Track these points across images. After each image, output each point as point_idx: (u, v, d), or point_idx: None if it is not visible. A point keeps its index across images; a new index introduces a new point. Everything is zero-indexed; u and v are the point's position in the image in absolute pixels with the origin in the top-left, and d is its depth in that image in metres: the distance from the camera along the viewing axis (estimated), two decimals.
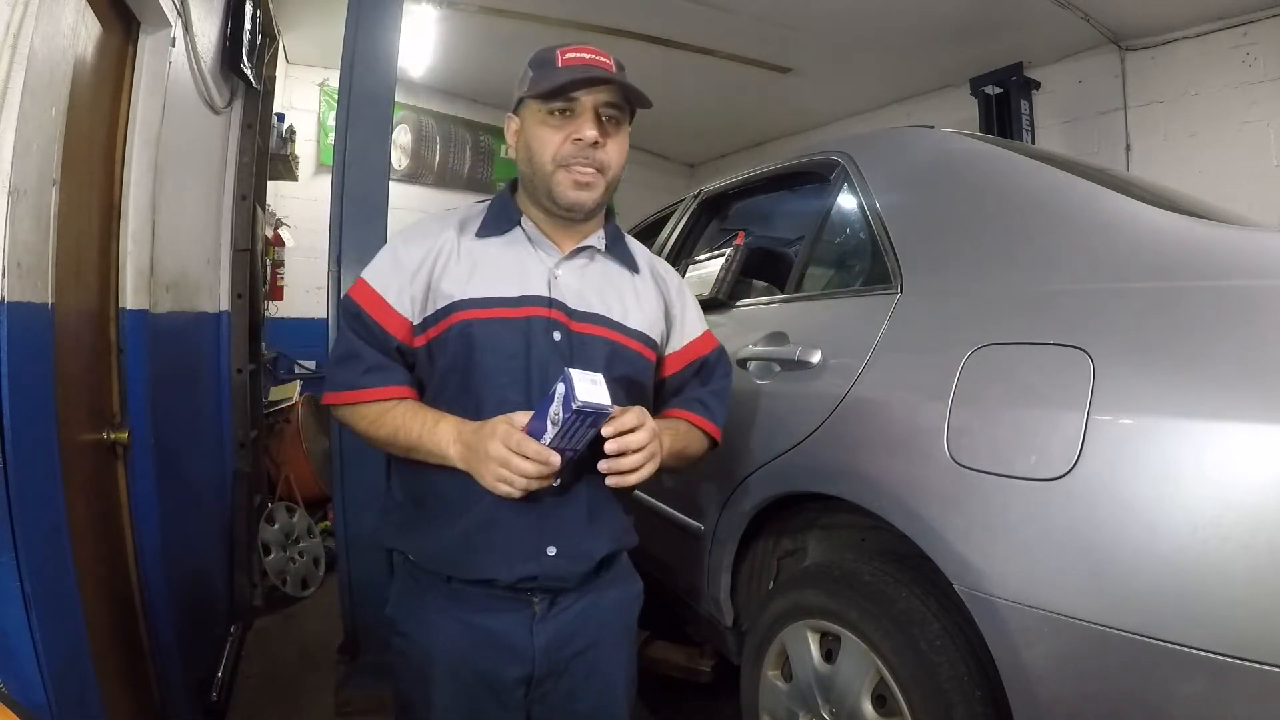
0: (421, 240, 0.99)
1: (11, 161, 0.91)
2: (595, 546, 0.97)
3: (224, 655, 2.03)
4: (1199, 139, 3.35)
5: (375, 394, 0.95)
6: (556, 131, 0.94)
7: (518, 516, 0.92)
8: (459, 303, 0.94)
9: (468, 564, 0.93)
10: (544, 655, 0.95)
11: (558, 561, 0.93)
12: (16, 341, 0.92)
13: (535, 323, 0.94)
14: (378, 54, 1.93)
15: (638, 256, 1.09)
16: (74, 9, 1.11)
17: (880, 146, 1.58)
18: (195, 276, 2.00)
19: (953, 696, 0.99)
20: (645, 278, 1.07)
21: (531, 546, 0.93)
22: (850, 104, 4.70)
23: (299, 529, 2.93)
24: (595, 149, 0.94)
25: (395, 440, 0.94)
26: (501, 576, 0.92)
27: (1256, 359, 0.78)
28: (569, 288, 0.98)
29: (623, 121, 0.97)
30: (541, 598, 0.95)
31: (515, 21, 3.69)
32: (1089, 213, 1.10)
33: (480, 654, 0.94)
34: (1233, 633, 0.73)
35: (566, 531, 0.94)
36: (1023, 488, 0.89)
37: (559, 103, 0.93)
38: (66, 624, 1.04)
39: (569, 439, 0.82)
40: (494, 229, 1.00)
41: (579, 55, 0.93)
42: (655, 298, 1.07)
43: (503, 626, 0.94)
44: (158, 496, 1.51)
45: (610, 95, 0.94)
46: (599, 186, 0.96)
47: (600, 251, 1.03)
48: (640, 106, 0.97)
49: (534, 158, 0.96)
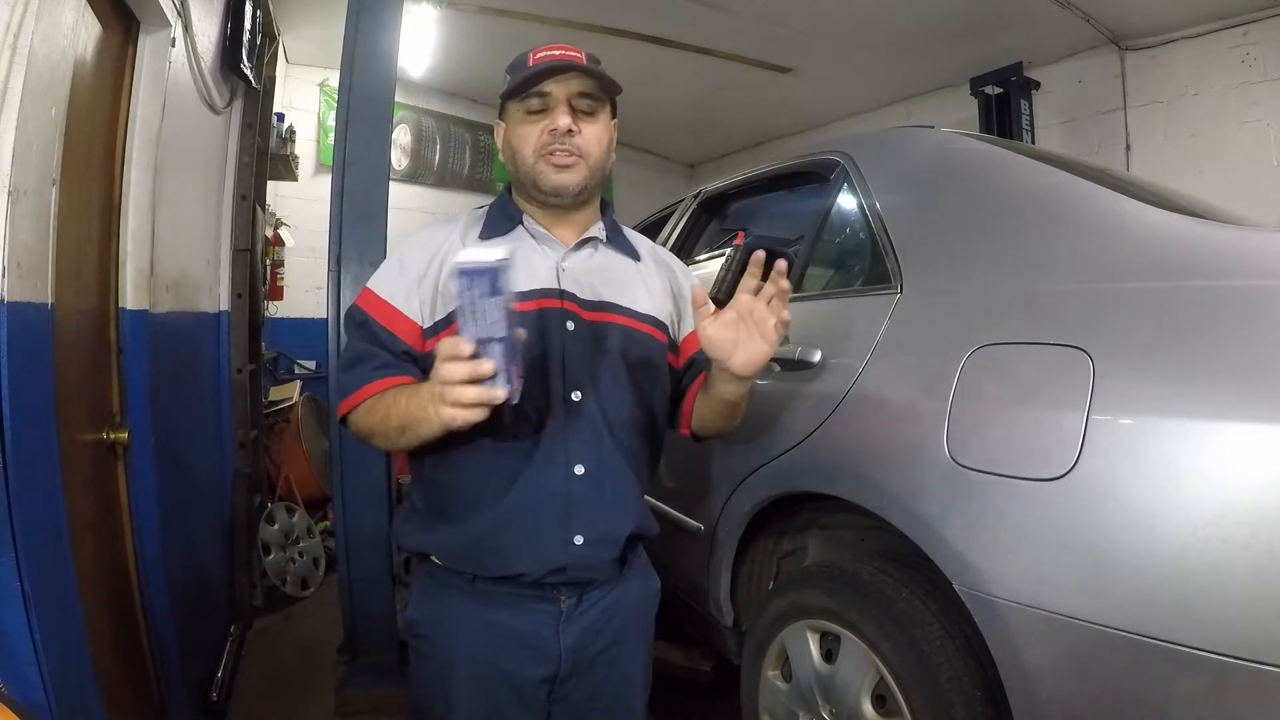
0: (425, 246, 1.00)
1: (11, 161, 0.91)
2: (620, 528, 0.97)
3: (224, 655, 2.03)
4: (1199, 139, 3.34)
5: (382, 384, 0.93)
6: (534, 126, 0.97)
7: (542, 507, 0.92)
8: None
9: (494, 560, 0.93)
10: (570, 654, 0.95)
11: (585, 550, 0.93)
12: (16, 341, 0.92)
13: (548, 314, 0.95)
14: (378, 54, 1.93)
15: (638, 246, 1.10)
16: (74, 9, 1.11)
17: (880, 146, 1.58)
18: (195, 276, 2.00)
19: (953, 696, 0.99)
20: (649, 265, 1.09)
21: (559, 537, 0.93)
22: (850, 104, 4.70)
23: (299, 529, 2.93)
24: (570, 136, 0.96)
25: (389, 422, 0.89)
26: (530, 571, 0.92)
27: (1256, 359, 0.78)
28: (577, 279, 0.99)
29: (598, 110, 0.99)
30: (568, 594, 0.95)
31: (515, 21, 3.68)
32: (1089, 213, 1.10)
33: (504, 655, 0.94)
34: (1233, 633, 0.73)
35: (592, 517, 0.94)
36: (1023, 488, 0.89)
37: (534, 99, 0.97)
38: (66, 624, 1.04)
39: (481, 322, 0.73)
40: (497, 229, 1.02)
41: (549, 53, 0.97)
42: (661, 283, 1.08)
43: (529, 626, 0.94)
44: (158, 496, 1.51)
45: (581, 85, 0.97)
46: (580, 168, 0.98)
47: (603, 242, 1.05)
48: (611, 92, 1.00)
49: (516, 154, 1.00)
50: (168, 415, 1.61)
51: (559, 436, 0.93)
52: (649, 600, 1.07)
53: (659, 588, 1.09)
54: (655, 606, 1.08)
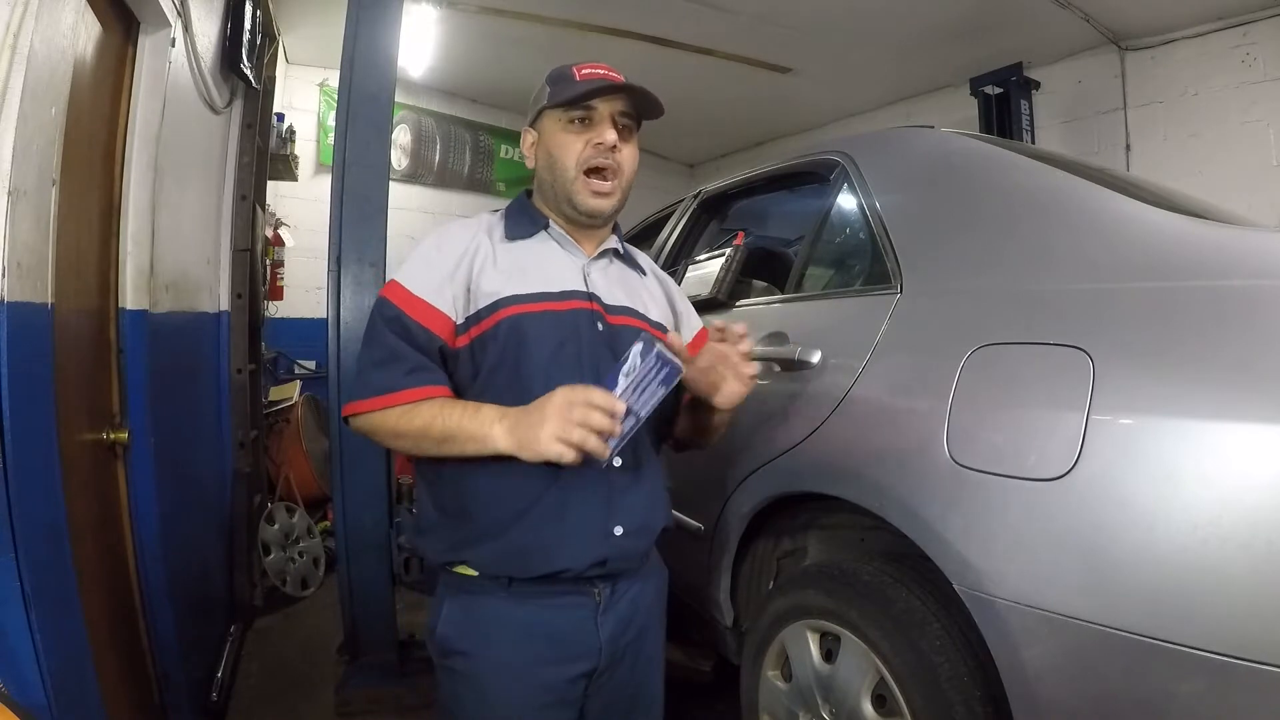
0: (453, 243, 1.02)
1: (11, 161, 0.91)
2: (656, 520, 1.02)
3: (224, 655, 2.03)
4: (1199, 139, 3.35)
5: (418, 394, 0.93)
6: (577, 138, 1.01)
7: (586, 498, 0.94)
8: (507, 298, 0.97)
9: (537, 559, 0.93)
10: (608, 646, 0.98)
11: (624, 541, 0.96)
12: (16, 341, 0.92)
13: (580, 314, 1.00)
14: (378, 54, 1.93)
15: (640, 260, 1.18)
16: (74, 9, 1.11)
17: (880, 146, 1.58)
18: (195, 276, 2.00)
19: (953, 696, 0.99)
20: (650, 279, 1.17)
21: (600, 528, 0.95)
22: (850, 104, 4.70)
23: (299, 529, 2.93)
24: (614, 152, 1.01)
25: (428, 433, 0.91)
26: (573, 565, 0.93)
27: (1256, 359, 0.78)
28: (599, 284, 1.05)
29: (634, 130, 1.05)
30: (603, 586, 0.98)
31: (515, 21, 3.69)
32: (1089, 213, 1.10)
33: (543, 660, 0.94)
34: (1233, 633, 0.73)
35: (632, 508, 0.98)
36: (1023, 488, 0.89)
37: (579, 111, 1.00)
38: (66, 624, 1.04)
39: (639, 394, 0.84)
40: (522, 232, 1.05)
41: (594, 71, 1.01)
42: (662, 295, 1.17)
43: (568, 623, 0.96)
44: (158, 496, 1.52)
45: (624, 105, 1.02)
46: (616, 195, 1.04)
47: (617, 255, 1.12)
48: (651, 115, 1.05)
49: (556, 164, 1.03)
50: (168, 415, 1.61)
51: None
52: (663, 590, 1.12)
53: (668, 576, 1.14)
54: (666, 591, 1.13)
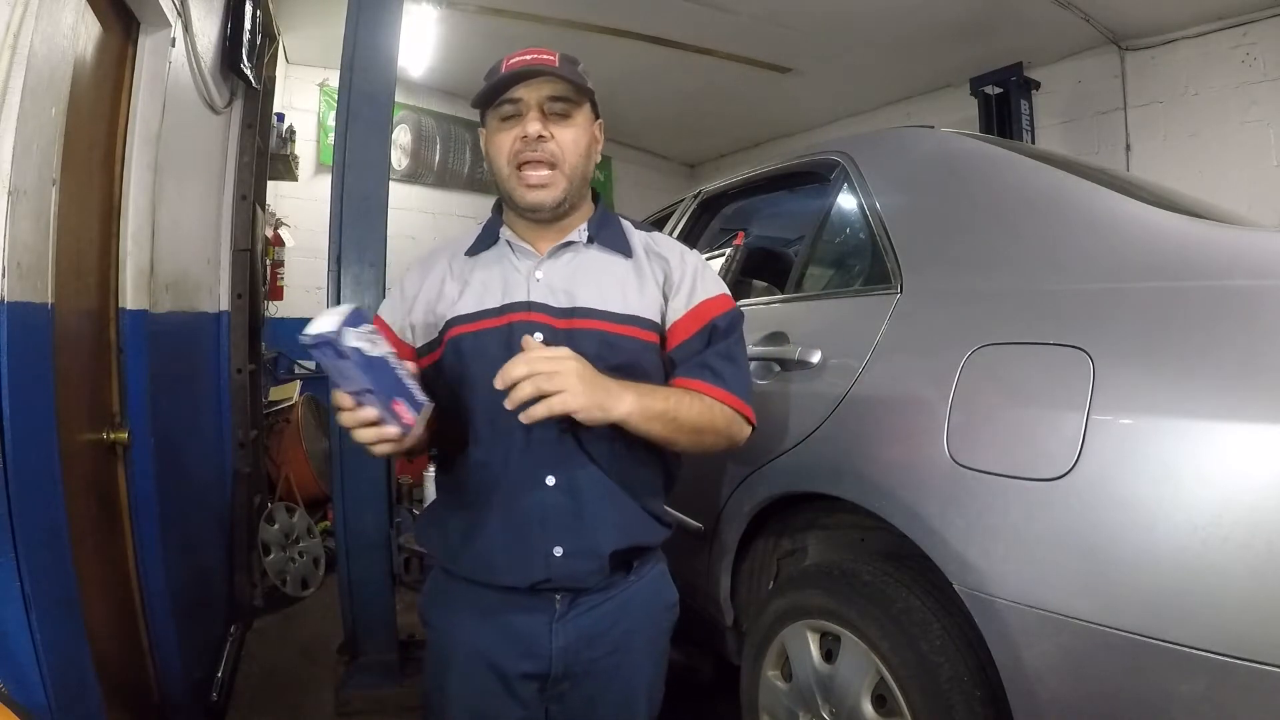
0: (423, 270, 1.05)
1: (11, 161, 0.91)
2: (601, 542, 0.94)
3: (224, 655, 2.03)
4: (1199, 139, 3.35)
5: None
6: (508, 134, 0.97)
7: (519, 518, 0.93)
8: (450, 320, 0.99)
9: (484, 571, 0.96)
10: (561, 655, 0.96)
11: (567, 562, 0.93)
12: (16, 341, 0.92)
13: (516, 327, 0.95)
14: (378, 54, 1.94)
15: (632, 240, 1.04)
16: (74, 9, 1.11)
17: (880, 146, 1.58)
18: (195, 276, 2.00)
19: (953, 696, 0.99)
20: (640, 260, 1.03)
21: (538, 549, 0.93)
22: (850, 104, 4.70)
23: (299, 529, 2.93)
24: (543, 142, 0.95)
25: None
26: (517, 582, 0.94)
27: (1256, 359, 0.78)
28: (551, 287, 0.98)
29: (573, 111, 0.98)
30: (563, 596, 0.96)
31: (515, 21, 3.69)
32: (1089, 213, 1.10)
33: (496, 647, 0.96)
34: (1233, 633, 0.73)
35: (569, 529, 0.93)
36: (1023, 488, 0.89)
37: (506, 106, 0.96)
38: (66, 624, 1.04)
39: (346, 382, 0.82)
40: (481, 246, 1.04)
41: (520, 58, 0.95)
42: (652, 277, 1.02)
43: (523, 624, 0.96)
44: (158, 496, 1.51)
45: (552, 89, 0.96)
46: (557, 184, 0.97)
47: (583, 245, 1.01)
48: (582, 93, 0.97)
49: (494, 164, 1.00)
50: (168, 415, 1.61)
51: (529, 449, 0.93)
52: (660, 612, 1.04)
53: (675, 601, 1.06)
54: (670, 619, 1.06)
